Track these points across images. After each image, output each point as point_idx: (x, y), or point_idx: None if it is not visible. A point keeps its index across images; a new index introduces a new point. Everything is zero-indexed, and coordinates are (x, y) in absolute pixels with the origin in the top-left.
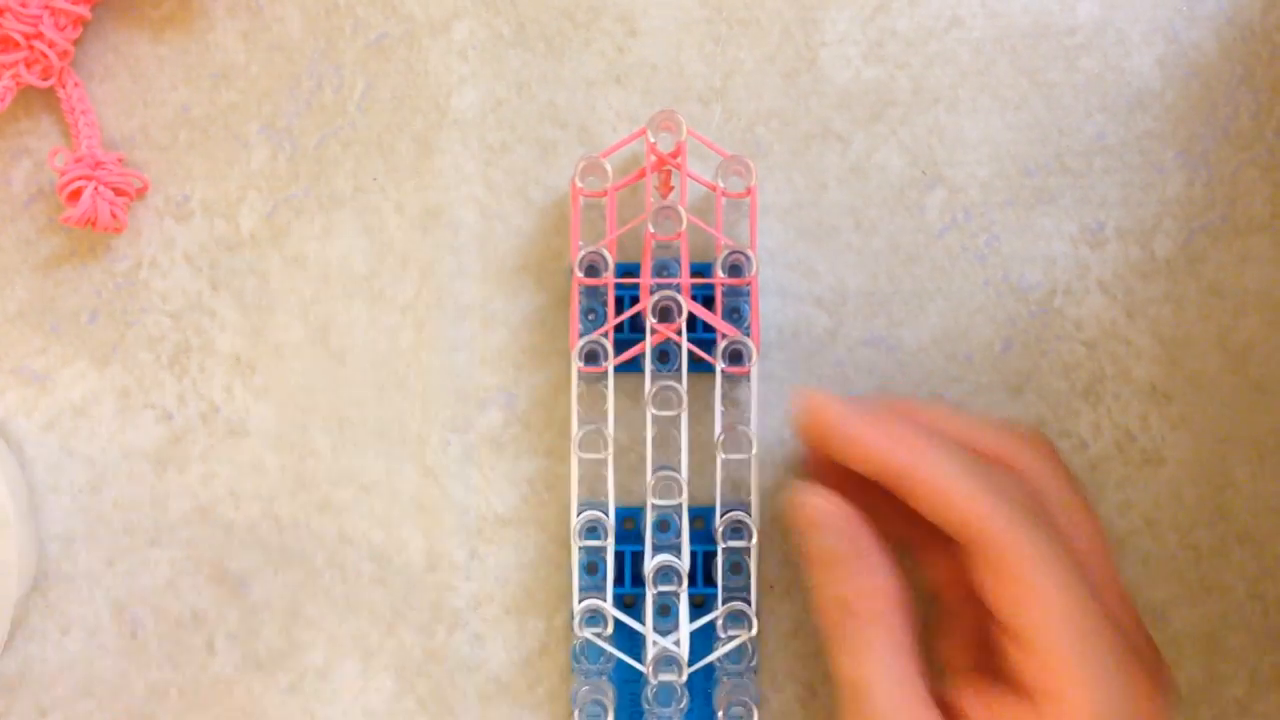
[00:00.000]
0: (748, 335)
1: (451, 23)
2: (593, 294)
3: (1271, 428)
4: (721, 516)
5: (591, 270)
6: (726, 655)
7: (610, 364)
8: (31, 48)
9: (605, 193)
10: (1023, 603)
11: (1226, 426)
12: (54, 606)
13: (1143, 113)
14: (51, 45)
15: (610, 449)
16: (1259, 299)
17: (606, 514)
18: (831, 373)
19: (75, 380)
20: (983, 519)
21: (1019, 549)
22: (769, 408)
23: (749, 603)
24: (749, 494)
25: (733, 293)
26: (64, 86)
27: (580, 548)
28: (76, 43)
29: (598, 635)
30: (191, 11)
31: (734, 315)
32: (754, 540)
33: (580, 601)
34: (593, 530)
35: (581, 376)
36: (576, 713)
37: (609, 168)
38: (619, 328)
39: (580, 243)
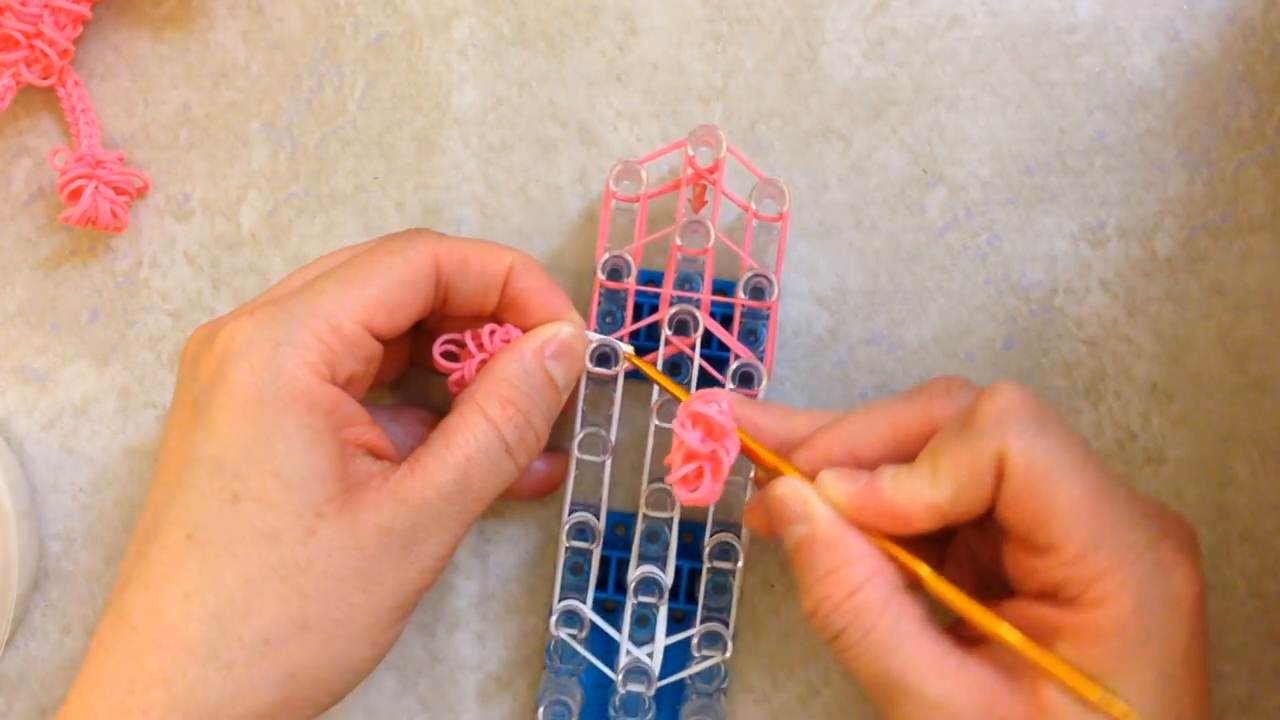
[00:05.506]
0: (761, 359)
1: (452, 21)
2: (613, 297)
3: (1272, 426)
4: (711, 536)
5: (614, 274)
6: (698, 674)
7: (620, 369)
8: (32, 46)
9: (638, 198)
10: (1045, 514)
11: (1227, 425)
12: (55, 606)
13: (1144, 111)
14: (51, 44)
15: (609, 455)
16: (1260, 297)
17: (600, 517)
18: (832, 371)
19: (76, 380)
20: (999, 442)
21: (1029, 459)
22: None
23: (727, 625)
24: (740, 516)
25: (752, 315)
26: (64, 85)
27: (568, 548)
28: (77, 41)
29: (573, 637)
30: (192, 10)
31: (750, 337)
32: (740, 564)
33: (560, 600)
34: (582, 532)
35: (591, 378)
36: (541, 709)
37: (645, 174)
38: (634, 334)
39: (606, 245)
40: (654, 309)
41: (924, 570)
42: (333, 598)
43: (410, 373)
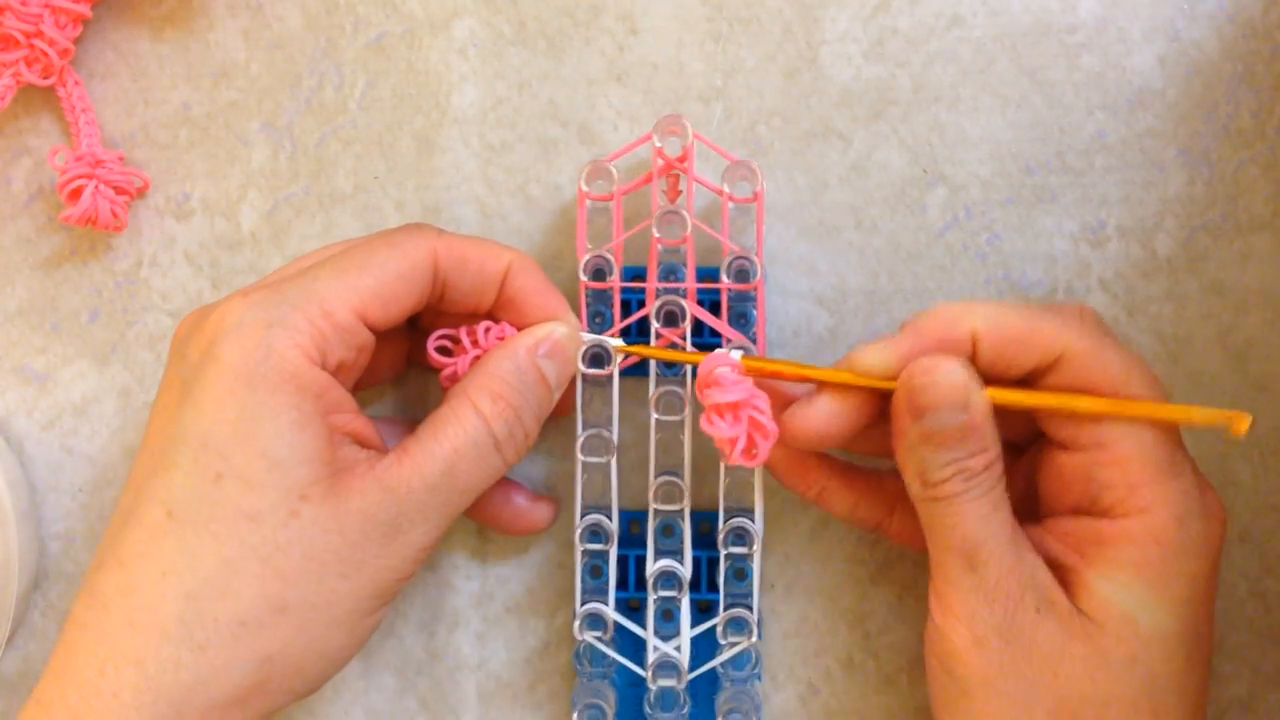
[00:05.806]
0: (753, 340)
1: (452, 21)
2: (600, 297)
3: (1273, 426)
4: (725, 522)
5: (598, 274)
6: (730, 661)
7: (615, 368)
8: (32, 46)
9: (611, 196)
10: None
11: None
12: (55, 605)
13: (1144, 111)
14: (52, 44)
15: (614, 455)
16: (1260, 297)
17: (611, 518)
18: None
19: (75, 379)
20: (1066, 339)
21: (1094, 353)
22: None
23: (751, 609)
24: (753, 499)
25: (740, 297)
26: (64, 85)
27: (584, 550)
28: (77, 41)
29: (599, 639)
30: (192, 10)
31: (741, 320)
32: (757, 547)
33: (583, 604)
34: (596, 534)
35: (587, 380)
36: (575, 715)
37: (615, 171)
38: (625, 331)
39: (587, 245)
40: (642, 304)
41: (988, 390)
42: (312, 582)
43: (409, 373)
